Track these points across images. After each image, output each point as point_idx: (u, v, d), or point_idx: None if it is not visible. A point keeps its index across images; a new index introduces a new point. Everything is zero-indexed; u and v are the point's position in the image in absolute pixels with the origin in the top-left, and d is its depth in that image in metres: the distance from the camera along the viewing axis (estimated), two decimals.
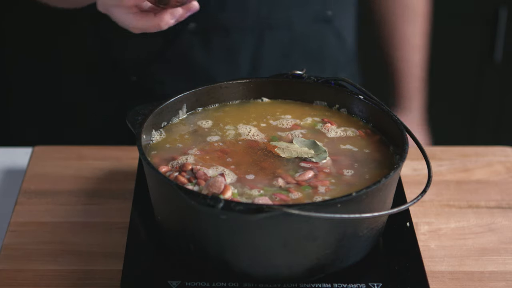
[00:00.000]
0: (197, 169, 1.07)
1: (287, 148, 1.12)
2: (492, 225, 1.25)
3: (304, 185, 1.06)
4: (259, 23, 1.54)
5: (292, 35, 1.57)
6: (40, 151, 1.40)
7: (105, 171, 1.35)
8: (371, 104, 1.18)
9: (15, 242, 1.20)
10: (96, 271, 1.15)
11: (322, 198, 1.04)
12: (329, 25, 1.60)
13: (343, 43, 1.65)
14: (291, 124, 1.19)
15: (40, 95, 2.58)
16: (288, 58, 1.59)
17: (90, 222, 1.24)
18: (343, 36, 1.64)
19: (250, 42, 1.56)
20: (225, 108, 1.22)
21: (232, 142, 1.15)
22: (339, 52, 1.65)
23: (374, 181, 1.03)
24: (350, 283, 1.06)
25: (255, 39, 1.55)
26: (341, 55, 1.66)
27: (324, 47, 1.62)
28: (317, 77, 1.23)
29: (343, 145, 1.15)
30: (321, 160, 1.11)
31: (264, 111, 1.22)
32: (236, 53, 1.56)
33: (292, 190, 1.05)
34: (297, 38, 1.57)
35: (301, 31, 1.57)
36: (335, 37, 1.62)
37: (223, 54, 1.56)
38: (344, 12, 1.64)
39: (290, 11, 1.55)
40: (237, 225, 0.99)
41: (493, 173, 1.36)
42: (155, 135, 1.15)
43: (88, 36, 1.73)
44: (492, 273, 1.16)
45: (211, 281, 1.05)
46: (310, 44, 1.60)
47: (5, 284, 1.12)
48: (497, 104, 2.61)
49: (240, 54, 1.56)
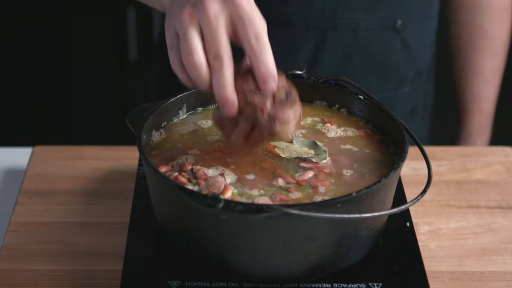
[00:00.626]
0: (197, 169, 1.07)
1: (287, 148, 1.12)
2: (492, 225, 1.25)
3: (304, 185, 1.06)
4: (323, 22, 1.51)
5: (355, 38, 1.53)
6: (40, 151, 1.40)
7: (105, 171, 1.35)
8: (371, 104, 1.18)
9: (15, 242, 1.20)
10: (96, 271, 1.15)
11: (322, 198, 1.04)
12: (397, 35, 1.54)
13: (412, 56, 1.58)
14: None
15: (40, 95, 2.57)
16: (349, 60, 1.54)
17: (90, 222, 1.24)
18: (412, 48, 1.57)
19: (311, 39, 1.52)
20: None
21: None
22: (406, 65, 1.59)
23: (374, 181, 1.03)
24: (350, 283, 1.06)
25: (316, 37, 1.52)
26: (408, 68, 1.59)
27: (389, 56, 1.56)
28: (317, 77, 1.22)
29: (343, 145, 1.15)
30: (321, 160, 1.11)
31: None
32: (295, 49, 1.53)
33: (292, 190, 1.05)
34: (362, 42, 1.53)
35: (367, 36, 1.53)
36: (402, 48, 1.56)
37: (281, 48, 1.52)
38: (417, 23, 1.57)
39: (356, 14, 1.51)
40: (237, 225, 0.99)
41: (493, 173, 1.36)
42: (155, 135, 1.15)
43: None
44: (492, 273, 1.16)
45: (211, 281, 1.05)
46: (374, 50, 1.55)
47: (5, 284, 1.12)
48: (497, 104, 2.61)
49: (299, 50, 1.53)
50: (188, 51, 1.01)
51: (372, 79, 1.57)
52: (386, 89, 1.59)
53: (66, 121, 2.58)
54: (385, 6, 1.51)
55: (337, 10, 1.50)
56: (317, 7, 1.50)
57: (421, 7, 1.56)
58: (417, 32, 1.57)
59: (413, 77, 1.61)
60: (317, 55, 1.53)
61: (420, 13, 1.56)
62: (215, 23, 1.00)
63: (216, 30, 1.00)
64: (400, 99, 1.61)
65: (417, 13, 1.55)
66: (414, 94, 1.64)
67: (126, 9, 2.45)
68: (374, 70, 1.56)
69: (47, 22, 2.47)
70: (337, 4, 1.50)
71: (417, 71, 1.61)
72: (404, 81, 1.60)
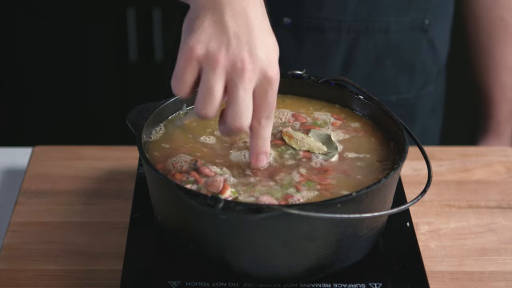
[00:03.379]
0: (201, 164, 1.07)
1: (301, 140, 1.12)
2: (492, 225, 1.25)
3: (305, 184, 1.06)
4: (356, 26, 1.52)
5: (387, 41, 1.54)
6: (40, 151, 1.40)
7: (105, 171, 1.35)
8: (371, 104, 1.18)
9: (15, 242, 1.20)
10: (96, 271, 1.15)
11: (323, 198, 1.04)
12: (424, 34, 1.56)
13: (436, 54, 1.61)
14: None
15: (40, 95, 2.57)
16: (380, 63, 1.56)
17: (90, 222, 1.24)
18: (436, 47, 1.60)
19: (344, 43, 1.53)
20: None
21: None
22: (431, 63, 1.61)
23: (374, 181, 1.03)
24: (350, 283, 1.06)
25: (349, 41, 1.53)
26: (433, 66, 1.62)
27: (417, 56, 1.58)
28: (317, 77, 1.22)
29: (346, 144, 1.15)
30: (330, 158, 1.11)
31: None
32: (328, 53, 1.54)
33: (293, 189, 1.05)
34: (393, 44, 1.55)
35: (397, 37, 1.54)
36: (429, 47, 1.58)
37: (315, 52, 1.53)
38: (441, 22, 1.59)
39: (388, 16, 1.52)
40: (237, 225, 0.99)
41: (493, 173, 1.36)
42: (155, 135, 1.15)
43: None
44: (492, 273, 1.16)
45: (211, 281, 1.05)
46: (405, 51, 1.56)
47: (5, 284, 1.12)
48: None
49: (332, 54, 1.54)
50: (210, 102, 0.98)
51: (403, 80, 1.59)
52: (413, 89, 1.61)
53: (66, 121, 2.58)
54: (415, 6, 1.53)
55: (370, 13, 1.51)
56: (351, 10, 1.50)
57: (444, 6, 1.58)
58: (440, 31, 1.60)
59: (436, 75, 1.63)
60: (350, 58, 1.54)
61: (443, 11, 1.59)
62: (245, 86, 0.97)
63: (244, 96, 0.98)
64: (425, 98, 1.64)
65: (441, 12, 1.58)
66: (436, 92, 1.66)
67: (126, 9, 2.45)
68: (404, 70, 1.58)
69: (48, 22, 2.47)
70: (370, 7, 1.50)
71: (439, 69, 1.64)
72: (429, 80, 1.62)
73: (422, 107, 1.64)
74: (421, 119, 1.66)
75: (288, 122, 1.18)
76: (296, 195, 1.03)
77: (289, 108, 1.21)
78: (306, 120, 1.19)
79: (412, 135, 1.12)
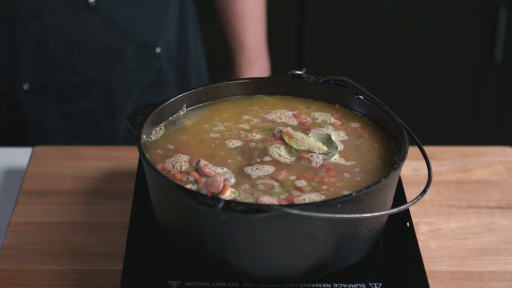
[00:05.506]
0: (203, 163, 1.07)
1: (301, 140, 1.12)
2: (492, 225, 1.25)
3: (308, 186, 1.06)
4: (5, 14, 1.52)
5: (46, 25, 1.55)
6: (40, 151, 1.40)
7: (105, 171, 1.35)
8: (371, 104, 1.18)
9: (15, 242, 1.20)
10: (96, 271, 1.15)
11: (323, 197, 1.04)
12: (92, 12, 1.54)
13: (113, 27, 1.58)
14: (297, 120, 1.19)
15: None
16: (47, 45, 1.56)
17: (90, 222, 1.24)
18: (112, 20, 1.57)
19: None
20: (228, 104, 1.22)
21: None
22: (109, 37, 1.58)
23: (374, 181, 1.03)
24: (350, 283, 1.06)
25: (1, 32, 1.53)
26: (112, 40, 1.59)
27: (87, 35, 1.56)
28: (317, 77, 1.23)
29: (346, 143, 1.15)
30: (330, 158, 1.11)
31: (264, 106, 1.22)
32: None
33: (294, 189, 1.05)
34: (53, 27, 1.54)
35: (57, 21, 1.54)
36: (101, 23, 1.56)
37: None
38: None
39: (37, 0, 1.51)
40: (237, 225, 0.99)
41: (493, 173, 1.36)
42: (155, 135, 1.15)
43: None
44: (492, 273, 1.16)
45: (211, 281, 1.05)
46: (72, 32, 1.55)
47: (5, 284, 1.13)
48: (497, 104, 2.62)
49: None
50: None
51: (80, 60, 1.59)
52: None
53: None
54: None
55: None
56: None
57: None
58: (115, 4, 1.58)
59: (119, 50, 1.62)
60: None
61: None
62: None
63: None
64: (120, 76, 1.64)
65: None
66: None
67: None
68: (79, 53, 1.58)
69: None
70: None
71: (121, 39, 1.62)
72: (111, 55, 1.61)
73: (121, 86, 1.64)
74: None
75: (288, 122, 1.18)
76: (299, 195, 1.03)
77: (289, 108, 1.21)
78: (306, 120, 1.19)
79: (412, 135, 1.12)
